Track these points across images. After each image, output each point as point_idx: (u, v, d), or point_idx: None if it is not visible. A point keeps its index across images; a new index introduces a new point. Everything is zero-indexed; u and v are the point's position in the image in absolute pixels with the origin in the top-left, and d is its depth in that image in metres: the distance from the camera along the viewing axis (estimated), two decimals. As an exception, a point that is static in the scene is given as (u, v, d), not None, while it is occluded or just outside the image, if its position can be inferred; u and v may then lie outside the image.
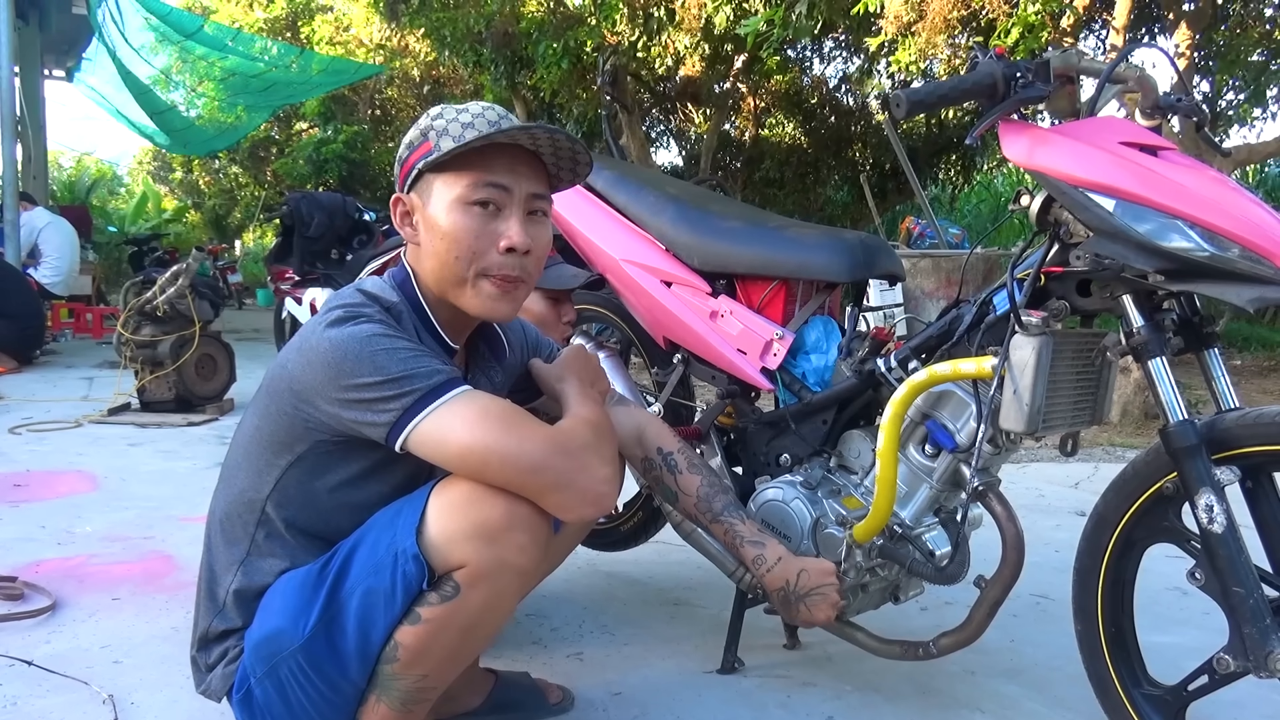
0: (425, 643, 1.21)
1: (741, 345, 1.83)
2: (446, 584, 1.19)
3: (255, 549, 1.32)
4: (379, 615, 1.20)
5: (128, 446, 3.93)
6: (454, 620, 1.20)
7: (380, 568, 1.20)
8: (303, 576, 1.27)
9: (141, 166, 21.51)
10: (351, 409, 1.20)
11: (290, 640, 1.23)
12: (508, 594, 1.23)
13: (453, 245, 1.27)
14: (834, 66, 10.70)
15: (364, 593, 1.20)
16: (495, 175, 1.27)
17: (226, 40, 9.42)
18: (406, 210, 1.33)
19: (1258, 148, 6.03)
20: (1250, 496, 1.37)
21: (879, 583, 1.71)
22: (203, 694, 1.37)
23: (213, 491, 1.40)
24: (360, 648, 1.22)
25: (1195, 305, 1.44)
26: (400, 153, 1.34)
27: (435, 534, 1.18)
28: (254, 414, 1.34)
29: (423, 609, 1.19)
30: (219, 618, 1.33)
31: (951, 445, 1.55)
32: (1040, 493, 3.55)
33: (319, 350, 1.21)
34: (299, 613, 1.23)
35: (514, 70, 7.66)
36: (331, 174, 12.54)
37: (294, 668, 1.23)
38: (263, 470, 1.30)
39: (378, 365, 1.18)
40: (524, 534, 1.19)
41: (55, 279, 7.20)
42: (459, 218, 1.26)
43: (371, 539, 1.23)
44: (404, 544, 1.18)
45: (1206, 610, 1.44)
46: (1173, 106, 1.43)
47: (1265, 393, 6.04)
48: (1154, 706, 1.45)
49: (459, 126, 1.27)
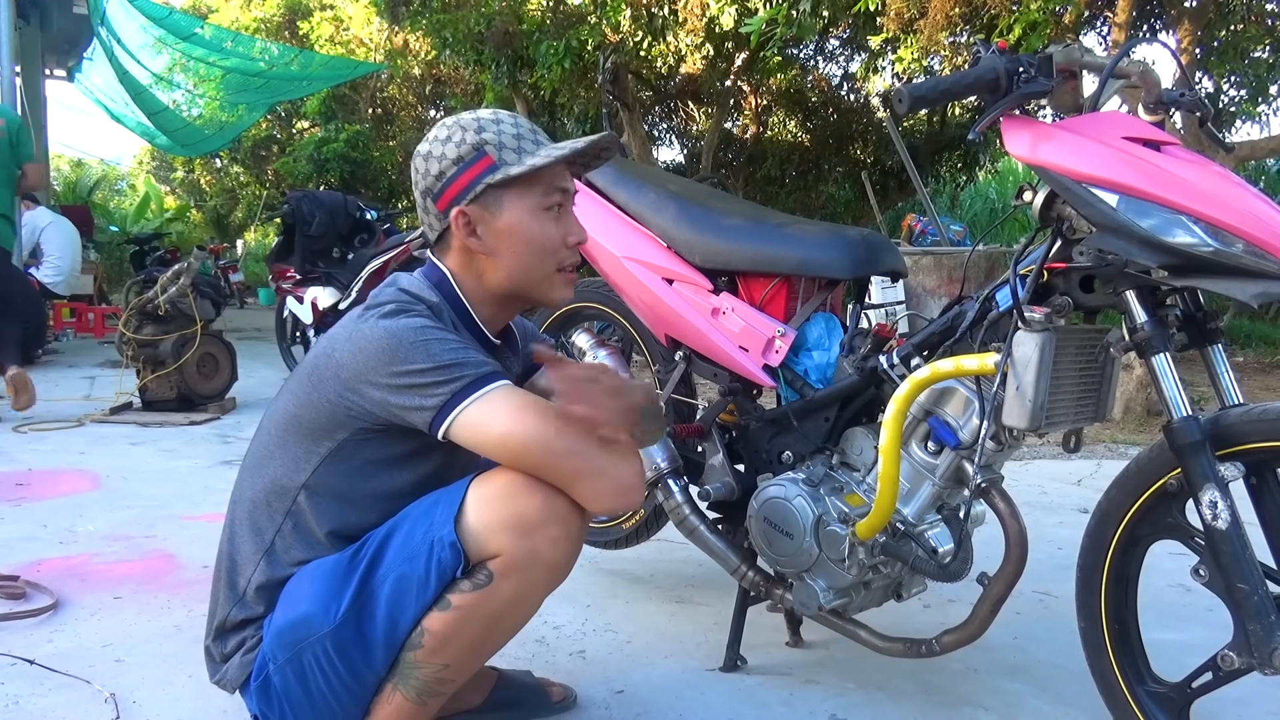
0: (453, 629, 1.24)
1: (743, 342, 1.83)
2: (480, 572, 1.23)
3: (281, 539, 1.34)
4: (410, 602, 1.24)
5: (129, 445, 3.94)
6: (483, 609, 1.23)
7: (415, 555, 1.24)
8: (332, 564, 1.29)
9: (142, 166, 21.53)
10: (401, 394, 1.24)
11: (320, 626, 1.25)
12: (538, 587, 1.27)
13: (538, 249, 1.38)
14: (836, 65, 10.71)
15: (397, 579, 1.24)
16: (559, 181, 1.39)
17: (224, 42, 9.43)
18: (469, 222, 1.36)
19: (1260, 144, 6.02)
20: (1254, 493, 1.36)
21: (881, 580, 1.70)
22: (217, 683, 1.38)
23: (235, 482, 1.42)
24: (388, 634, 1.25)
25: (1199, 301, 1.44)
26: (441, 166, 1.36)
27: (473, 523, 1.23)
28: (291, 402, 1.36)
29: (454, 595, 1.23)
30: (239, 607, 1.35)
31: (954, 442, 1.54)
32: (1043, 489, 3.54)
33: (372, 338, 1.26)
34: (330, 599, 1.26)
35: (515, 69, 7.66)
36: (333, 173, 12.56)
37: (319, 654, 1.26)
38: (300, 458, 1.34)
39: (430, 353, 1.24)
40: (559, 528, 1.24)
41: (57, 278, 7.22)
42: (541, 224, 1.37)
43: (406, 528, 1.27)
44: (441, 531, 1.23)
45: (1210, 607, 1.44)
46: (1175, 101, 1.42)
47: (1269, 389, 6.02)
48: (1158, 703, 1.45)
49: (513, 139, 1.36)
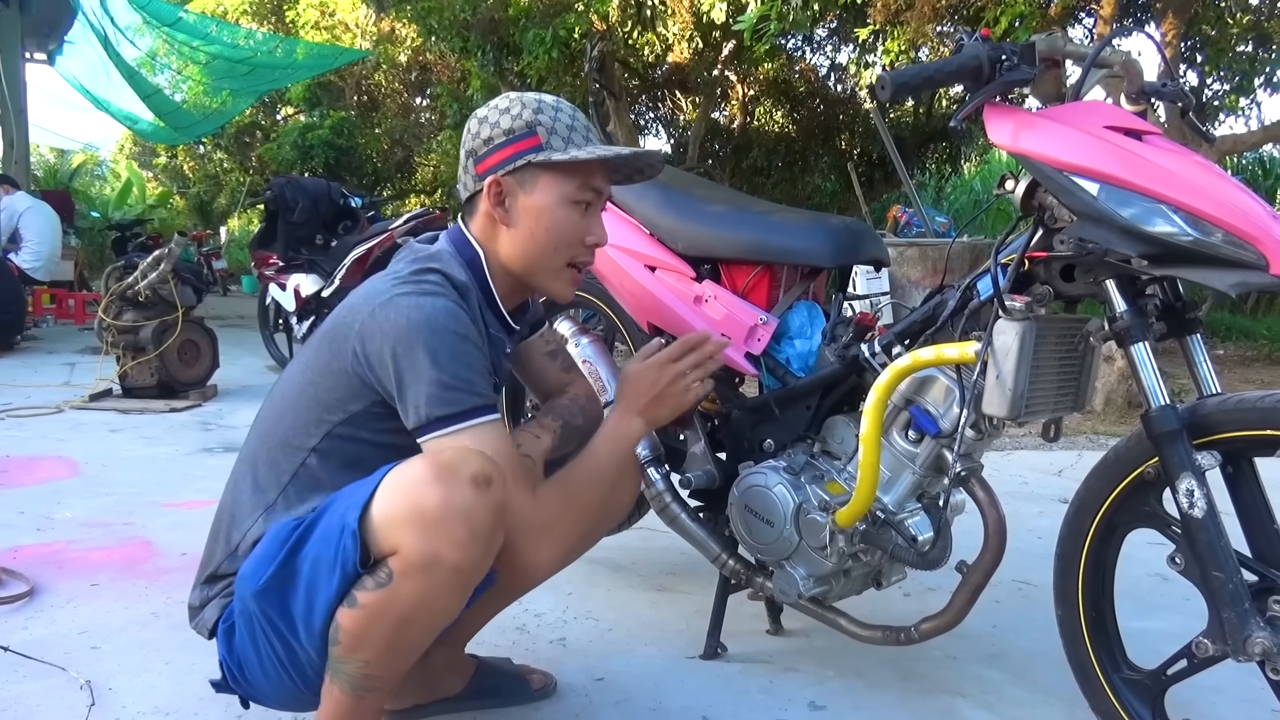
0: (362, 628, 1.17)
1: (725, 330, 1.82)
2: (381, 569, 1.16)
3: (284, 498, 1.33)
4: (321, 585, 1.18)
5: (109, 432, 3.91)
6: (388, 610, 1.16)
7: (329, 537, 1.18)
8: (282, 527, 1.26)
9: (124, 151, 21.30)
10: (403, 377, 1.23)
11: (249, 585, 1.23)
12: (442, 591, 1.18)
13: (556, 237, 1.38)
14: (823, 55, 10.71)
15: (314, 559, 1.19)
16: (596, 181, 1.41)
17: (208, 28, 9.34)
18: (500, 192, 1.37)
19: (1243, 137, 6.06)
20: (1230, 482, 1.37)
21: (861, 568, 1.70)
22: (195, 628, 1.38)
23: (244, 439, 1.43)
24: (306, 613, 1.20)
25: (1178, 291, 1.44)
26: (492, 133, 1.37)
27: (375, 514, 1.16)
28: (311, 368, 1.35)
29: (360, 593, 1.17)
30: (230, 559, 1.34)
31: (935, 430, 1.54)
32: (1024, 480, 3.56)
33: (398, 316, 1.24)
34: (263, 561, 1.23)
35: (501, 57, 7.61)
36: (317, 160, 12.46)
37: (256, 612, 1.24)
38: (311, 423, 1.33)
39: (451, 354, 1.24)
40: (461, 527, 1.14)
41: (35, 264, 7.13)
42: (567, 214, 1.38)
43: (334, 508, 1.22)
44: (349, 518, 1.17)
45: (1187, 596, 1.45)
46: (1157, 92, 1.42)
47: (1247, 382, 6.07)
48: (1133, 691, 1.46)
49: (565, 129, 1.37)
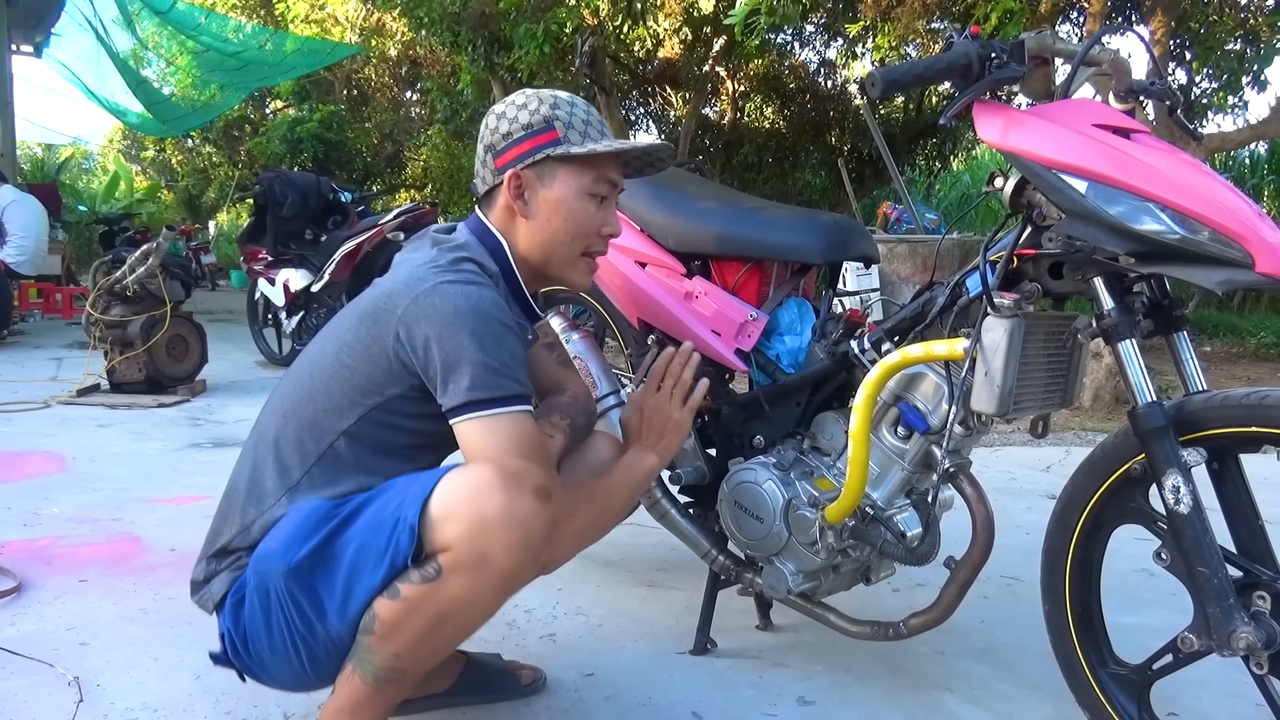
0: (400, 620, 1.21)
1: (715, 326, 1.83)
2: (430, 564, 1.20)
3: (309, 479, 1.33)
4: (366, 573, 1.22)
5: (97, 428, 3.88)
6: (429, 604, 1.20)
7: (381, 527, 1.22)
8: (316, 508, 1.28)
9: (112, 145, 21.15)
10: (441, 364, 1.25)
11: (277, 564, 1.24)
12: (486, 593, 1.22)
13: (573, 228, 1.43)
14: (813, 51, 10.71)
15: (358, 546, 1.22)
16: (611, 174, 1.46)
17: (198, 19, 9.28)
18: (519, 185, 1.41)
19: (1231, 135, 6.09)
20: (1216, 478, 1.38)
21: (850, 564, 1.71)
22: (197, 602, 1.38)
23: (257, 420, 1.44)
24: (342, 600, 1.23)
25: (1165, 288, 1.45)
26: (510, 128, 1.41)
27: (435, 510, 1.20)
28: (345, 350, 1.35)
29: (403, 585, 1.21)
30: (243, 535, 1.34)
31: (923, 427, 1.55)
32: (1012, 476, 3.58)
33: (447, 301, 1.26)
34: (295, 542, 1.24)
35: (491, 51, 7.58)
36: (307, 154, 12.40)
37: (279, 590, 1.25)
38: (345, 407, 1.34)
39: (496, 342, 1.26)
40: (516, 534, 1.19)
41: (21, 258, 7.06)
42: (584, 205, 1.43)
43: (384, 499, 1.26)
44: (407, 511, 1.21)
45: (1172, 591, 1.46)
46: (1146, 90, 1.43)
47: (1234, 379, 6.12)
48: (1119, 685, 1.47)
49: (581, 124, 1.42)
